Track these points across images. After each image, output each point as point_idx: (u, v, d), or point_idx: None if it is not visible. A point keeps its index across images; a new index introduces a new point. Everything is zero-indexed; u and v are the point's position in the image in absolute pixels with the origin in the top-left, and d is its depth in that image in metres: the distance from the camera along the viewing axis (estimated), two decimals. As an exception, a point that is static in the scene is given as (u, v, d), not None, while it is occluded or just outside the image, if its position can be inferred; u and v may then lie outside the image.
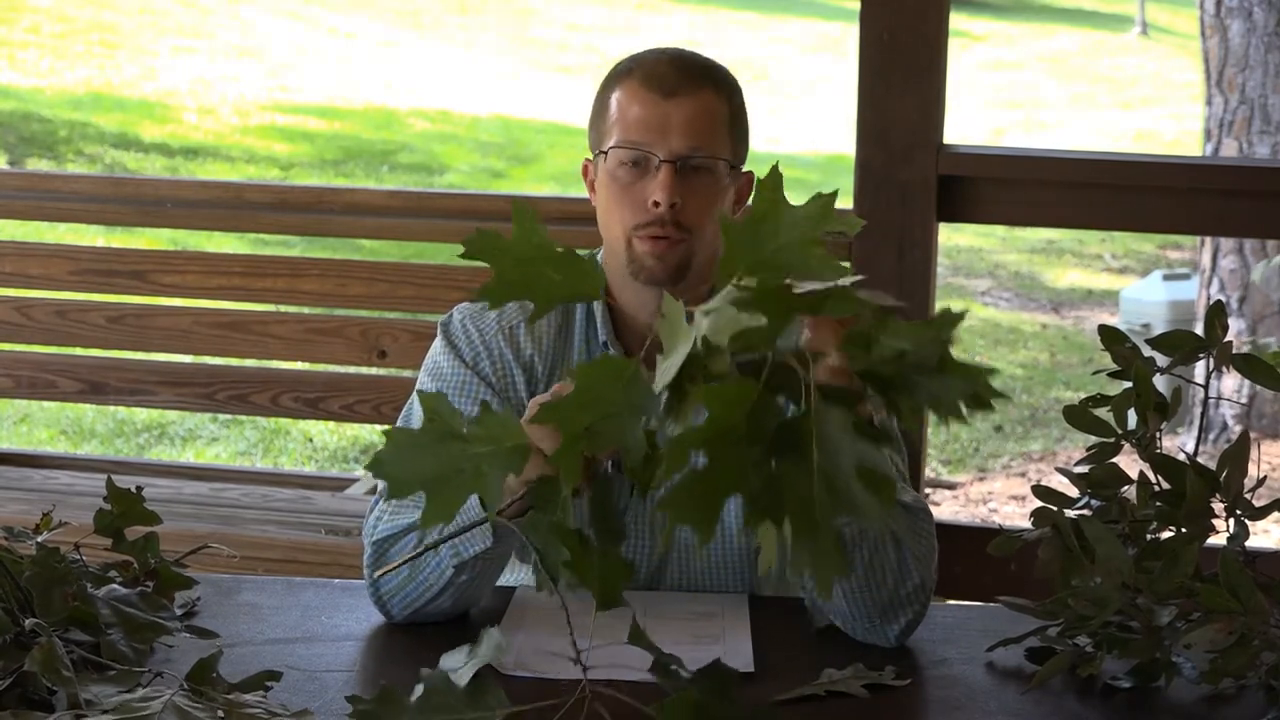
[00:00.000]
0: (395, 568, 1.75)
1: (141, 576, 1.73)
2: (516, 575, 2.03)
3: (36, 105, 11.03)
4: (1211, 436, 6.10)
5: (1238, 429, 6.08)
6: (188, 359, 3.56)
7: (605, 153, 1.90)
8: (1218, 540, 1.67)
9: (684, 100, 1.88)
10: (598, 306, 1.95)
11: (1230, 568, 1.55)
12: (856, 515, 1.17)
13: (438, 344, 1.98)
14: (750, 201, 1.91)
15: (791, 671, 1.64)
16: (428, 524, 1.37)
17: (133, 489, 1.78)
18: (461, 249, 1.38)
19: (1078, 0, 20.73)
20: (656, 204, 1.86)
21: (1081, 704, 1.61)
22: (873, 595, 1.76)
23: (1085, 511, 1.71)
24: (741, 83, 2.01)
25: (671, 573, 1.96)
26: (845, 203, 3.22)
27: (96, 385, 3.49)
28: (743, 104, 1.96)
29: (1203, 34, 6.34)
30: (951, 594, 3.27)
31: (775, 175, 1.38)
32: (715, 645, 1.71)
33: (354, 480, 3.63)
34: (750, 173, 1.95)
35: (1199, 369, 1.84)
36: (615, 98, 1.91)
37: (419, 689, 1.36)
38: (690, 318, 1.30)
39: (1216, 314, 1.73)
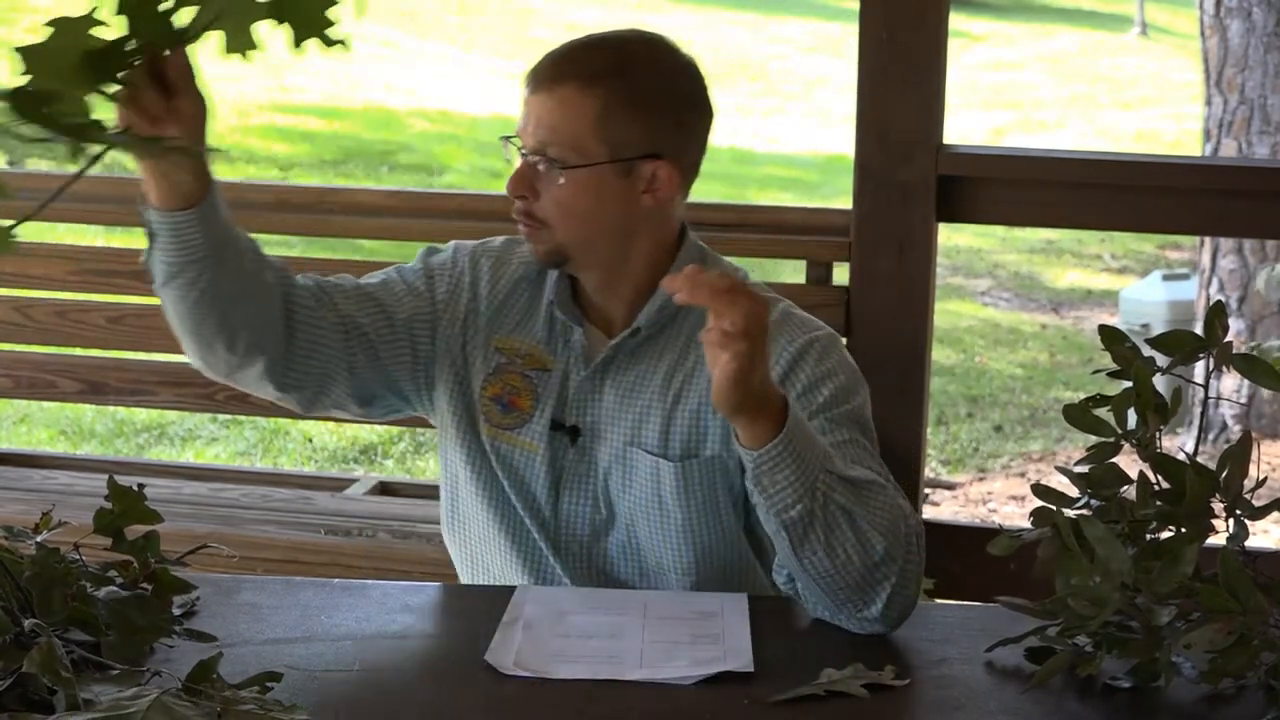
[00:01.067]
0: None
1: (141, 578, 1.73)
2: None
3: (36, 105, 11.02)
4: (1211, 436, 6.10)
5: (1237, 429, 6.08)
6: (187, 359, 3.56)
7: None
8: (1217, 540, 1.67)
9: (542, 97, 1.94)
10: (551, 272, 2.03)
11: (1230, 568, 1.55)
12: None
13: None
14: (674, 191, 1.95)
15: (791, 671, 1.64)
16: None
17: (134, 487, 1.78)
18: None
19: (1077, 0, 20.74)
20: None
21: (1081, 704, 1.61)
22: (844, 578, 1.75)
23: (1085, 511, 1.71)
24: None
25: (616, 539, 2.00)
26: (844, 202, 3.22)
27: (96, 385, 3.48)
28: (636, 92, 1.93)
29: (1202, 34, 6.35)
30: (951, 594, 3.27)
31: None
32: (715, 645, 1.72)
33: (353, 480, 3.63)
34: (664, 160, 1.95)
35: (1199, 369, 1.84)
36: None
37: None
38: None
39: (1217, 314, 1.73)
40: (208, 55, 1.59)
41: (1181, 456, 1.69)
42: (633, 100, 1.93)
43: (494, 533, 2.04)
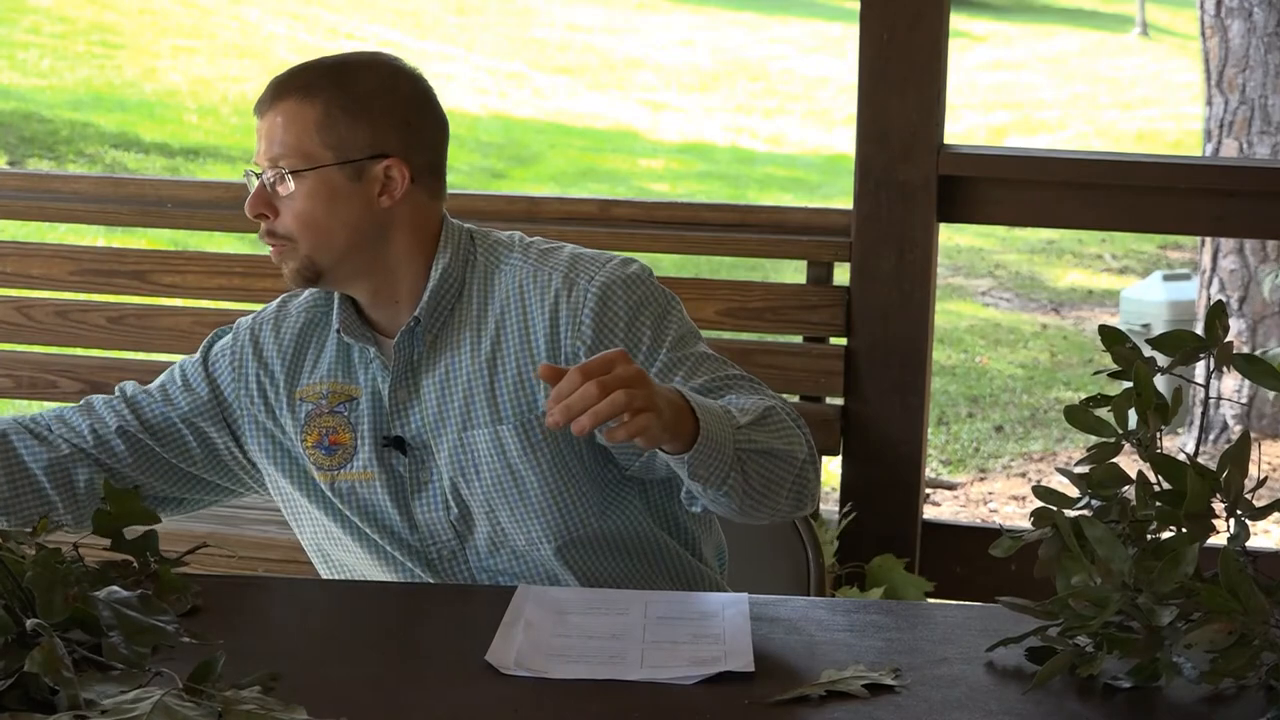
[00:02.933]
0: None
1: (142, 578, 1.73)
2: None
3: (37, 105, 11.04)
4: (1211, 437, 6.10)
5: (1238, 429, 6.08)
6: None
7: None
8: (1218, 540, 1.67)
9: (266, 119, 1.98)
10: (337, 297, 2.05)
11: (1230, 568, 1.55)
12: None
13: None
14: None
15: (791, 671, 1.65)
16: None
17: (130, 488, 1.78)
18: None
19: (1078, 1, 20.74)
20: None
21: (1082, 704, 1.61)
22: (786, 497, 1.88)
23: (1085, 512, 1.71)
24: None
25: (481, 533, 2.00)
26: (845, 203, 3.22)
27: (98, 385, 3.48)
28: (355, 97, 1.97)
29: (1203, 34, 6.35)
30: (952, 594, 3.27)
31: None
32: (716, 645, 1.72)
33: (354, 480, 3.62)
34: (393, 159, 1.97)
35: (1199, 369, 1.84)
36: None
37: None
38: None
39: (1217, 314, 1.73)
40: (210, 54, 1.60)
41: (1182, 457, 1.68)
42: (352, 104, 1.97)
43: (374, 575, 2.06)
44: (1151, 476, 1.69)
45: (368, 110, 1.97)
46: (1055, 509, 1.70)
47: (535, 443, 1.96)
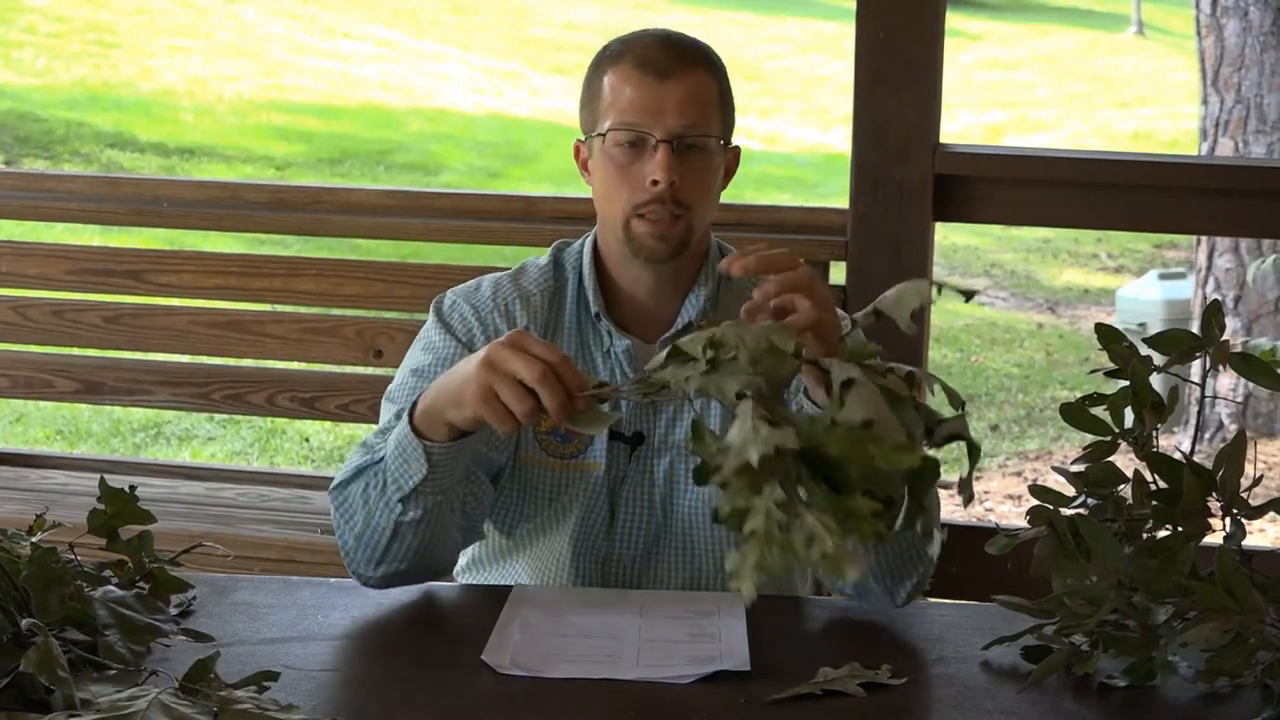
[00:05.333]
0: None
1: (137, 577, 1.73)
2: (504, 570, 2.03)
3: (32, 105, 11.03)
4: (1207, 435, 6.10)
5: (1233, 428, 6.09)
6: (184, 359, 3.56)
7: (603, 135, 1.95)
8: (1214, 539, 1.68)
9: (678, 81, 1.94)
10: (589, 280, 2.01)
11: (1226, 567, 1.55)
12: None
13: (430, 322, 2.03)
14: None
15: (787, 670, 1.64)
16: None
17: (126, 488, 1.78)
18: (459, 247, 1.42)
19: (1074, 0, 20.75)
20: (655, 183, 1.92)
21: (1077, 702, 1.61)
22: (893, 551, 1.83)
23: (1081, 510, 1.71)
24: (737, 83, 2.06)
25: (670, 544, 1.98)
26: (841, 202, 3.22)
27: (93, 385, 3.48)
28: (728, 82, 2.02)
29: (1198, 33, 6.35)
30: (948, 593, 3.27)
31: None
32: (711, 643, 1.72)
33: (350, 480, 3.62)
34: (737, 147, 2.03)
35: (1195, 368, 1.85)
36: (608, 81, 1.97)
37: None
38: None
39: (1213, 313, 1.73)
40: (206, 54, 1.60)
41: (1178, 455, 1.69)
42: (727, 86, 2.02)
43: (548, 562, 2.00)
44: (1147, 475, 1.69)
45: (730, 96, 2.02)
46: (1051, 507, 1.70)
47: None
